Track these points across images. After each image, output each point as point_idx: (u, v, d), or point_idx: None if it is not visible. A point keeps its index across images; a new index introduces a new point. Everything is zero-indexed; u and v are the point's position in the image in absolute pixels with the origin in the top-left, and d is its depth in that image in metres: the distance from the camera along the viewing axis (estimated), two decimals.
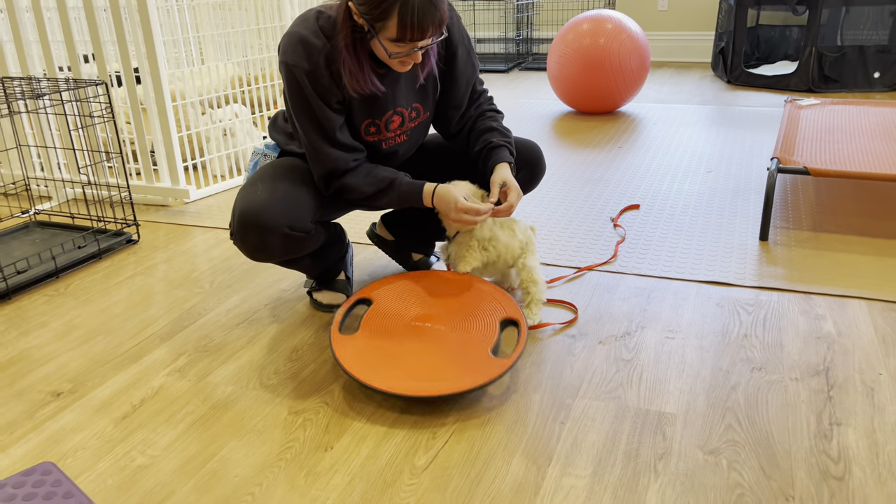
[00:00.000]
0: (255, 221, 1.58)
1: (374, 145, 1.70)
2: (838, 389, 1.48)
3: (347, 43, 1.52)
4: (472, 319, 1.63)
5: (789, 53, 4.85)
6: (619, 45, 3.68)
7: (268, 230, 1.58)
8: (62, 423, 1.47)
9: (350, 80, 1.55)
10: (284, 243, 1.62)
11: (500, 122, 1.80)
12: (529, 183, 1.86)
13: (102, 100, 2.54)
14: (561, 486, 1.25)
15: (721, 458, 1.30)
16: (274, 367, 1.64)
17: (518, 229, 1.80)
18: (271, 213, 1.58)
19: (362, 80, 1.56)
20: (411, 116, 1.72)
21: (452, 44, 1.69)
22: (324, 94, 1.57)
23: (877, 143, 2.47)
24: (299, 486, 1.27)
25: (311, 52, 1.53)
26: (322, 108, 1.58)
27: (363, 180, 1.65)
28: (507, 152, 1.73)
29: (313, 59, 1.53)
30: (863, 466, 1.27)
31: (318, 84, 1.55)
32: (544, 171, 1.87)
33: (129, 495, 1.26)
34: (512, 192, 1.68)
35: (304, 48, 1.53)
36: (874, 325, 1.72)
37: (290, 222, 1.60)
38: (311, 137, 1.61)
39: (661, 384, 1.52)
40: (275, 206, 1.59)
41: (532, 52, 5.86)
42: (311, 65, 1.54)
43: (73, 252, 2.25)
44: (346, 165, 1.63)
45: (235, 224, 1.62)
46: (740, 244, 2.19)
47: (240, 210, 1.61)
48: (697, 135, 3.44)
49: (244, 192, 1.64)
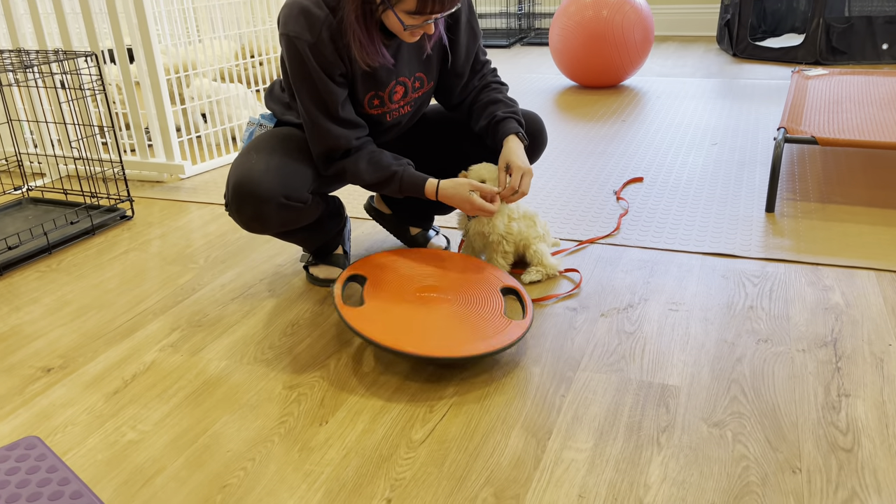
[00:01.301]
0: (251, 191, 1.54)
1: (378, 118, 1.66)
2: (846, 361, 1.44)
3: (358, 15, 1.46)
4: (474, 289, 1.61)
5: (796, 26, 4.76)
6: (623, 17, 3.61)
7: (263, 200, 1.54)
8: (52, 399, 1.44)
9: (360, 53, 1.49)
10: (280, 213, 1.58)
11: (505, 93, 1.75)
12: (531, 155, 1.81)
13: (93, 72, 2.49)
14: (561, 460, 1.21)
15: (726, 430, 1.26)
16: (269, 342, 1.61)
17: (538, 221, 1.83)
18: (267, 183, 1.54)
19: (372, 52, 1.50)
20: (414, 87, 1.67)
21: (455, 11, 1.64)
22: (327, 67, 1.51)
23: (886, 112, 2.41)
24: (293, 461, 1.24)
25: (313, 22, 1.48)
26: (325, 82, 1.52)
27: (364, 167, 1.60)
28: (514, 123, 1.68)
29: (316, 31, 1.48)
30: (872, 438, 1.23)
31: (322, 57, 1.50)
32: (546, 143, 1.83)
33: (119, 471, 1.23)
34: (516, 174, 1.63)
35: (307, 19, 1.48)
36: (883, 295, 1.67)
37: (286, 192, 1.56)
38: (311, 113, 1.56)
39: (664, 356, 1.48)
40: (271, 176, 1.55)
41: (534, 26, 5.77)
42: (314, 36, 1.48)
43: (66, 228, 2.21)
44: (348, 143, 1.58)
45: (230, 194, 1.58)
46: (746, 216, 2.15)
47: (234, 180, 1.56)
48: (702, 108, 3.37)
49: (239, 161, 1.60)
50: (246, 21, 3.49)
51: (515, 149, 1.65)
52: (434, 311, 1.53)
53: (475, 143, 1.79)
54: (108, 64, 2.73)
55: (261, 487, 1.18)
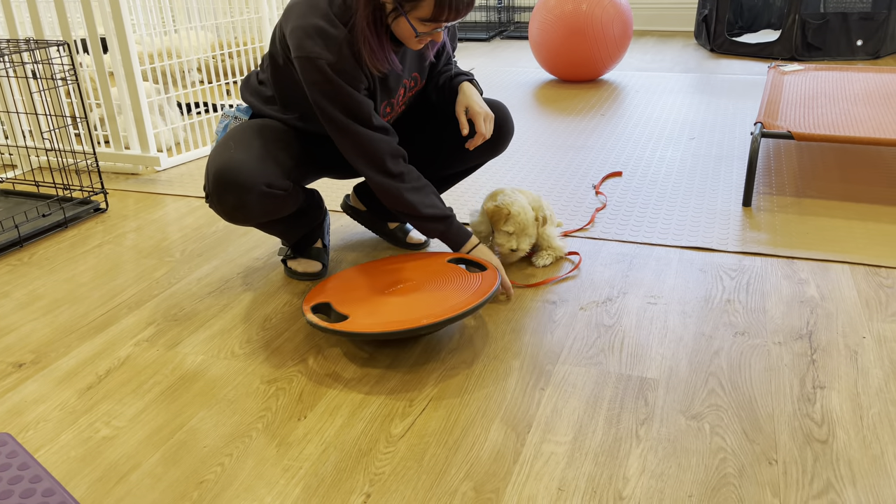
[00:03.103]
0: (232, 180, 1.52)
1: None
2: (822, 353, 1.46)
3: (369, 21, 1.45)
4: (441, 275, 1.62)
5: (772, 21, 4.81)
6: (602, 11, 3.62)
7: (245, 189, 1.52)
8: (24, 395, 1.41)
9: (371, 59, 1.49)
10: (263, 202, 1.56)
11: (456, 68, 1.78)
12: (498, 144, 1.81)
13: (65, 61, 2.44)
14: (541, 453, 1.21)
15: (704, 422, 1.27)
16: (246, 336, 1.59)
17: (544, 204, 1.86)
18: (248, 171, 1.52)
19: (382, 59, 1.50)
20: (410, 86, 1.69)
21: None
22: (353, 82, 1.50)
23: (860, 107, 2.44)
24: (271, 456, 1.22)
25: (330, 41, 1.46)
26: (354, 96, 1.51)
27: (417, 198, 1.60)
28: (463, 77, 1.72)
29: (334, 49, 1.46)
30: (847, 429, 1.24)
31: (346, 74, 1.48)
32: (512, 131, 1.83)
33: (93, 467, 1.21)
34: (478, 118, 1.66)
35: (325, 39, 1.46)
36: (857, 288, 1.70)
37: (267, 179, 1.54)
38: (350, 127, 1.53)
39: (642, 350, 1.49)
40: (251, 164, 1.53)
41: (514, 20, 5.76)
42: (335, 55, 1.46)
43: (38, 221, 2.17)
44: (391, 147, 1.57)
45: (211, 185, 1.55)
46: (723, 210, 2.16)
47: (214, 170, 1.54)
48: (680, 103, 3.39)
49: (216, 152, 1.58)
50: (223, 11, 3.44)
51: (471, 94, 1.68)
52: (416, 293, 1.53)
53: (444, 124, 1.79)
54: (80, 54, 2.68)
55: (238, 483, 1.17)
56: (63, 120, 2.53)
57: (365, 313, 1.48)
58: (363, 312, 1.48)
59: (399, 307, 1.49)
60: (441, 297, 1.50)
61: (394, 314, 1.45)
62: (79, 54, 2.66)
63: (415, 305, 1.48)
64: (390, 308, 1.49)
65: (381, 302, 1.52)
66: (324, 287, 1.63)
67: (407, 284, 1.59)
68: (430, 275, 1.61)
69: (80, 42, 2.71)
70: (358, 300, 1.54)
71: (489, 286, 1.51)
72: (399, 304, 1.50)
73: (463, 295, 1.49)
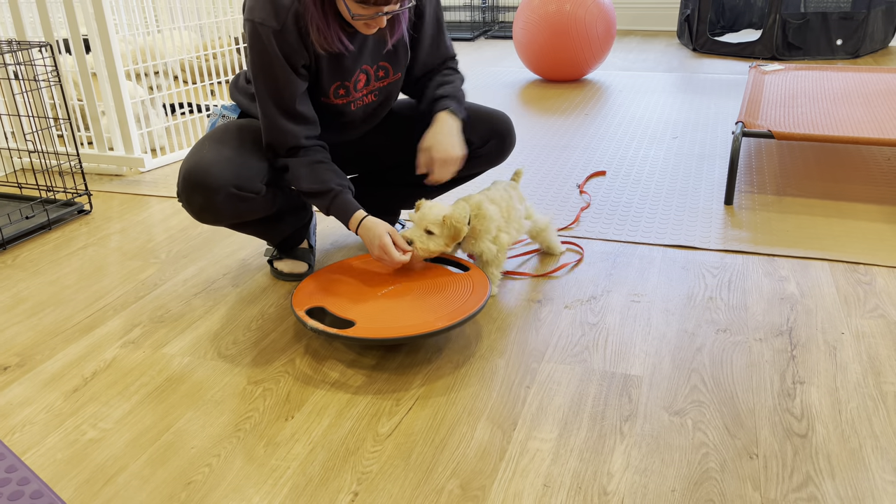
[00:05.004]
0: (200, 180, 1.52)
1: (342, 108, 1.65)
2: (801, 349, 1.49)
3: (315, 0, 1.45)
4: (433, 277, 1.62)
5: (754, 21, 4.86)
6: (585, 11, 3.64)
7: (213, 189, 1.52)
8: (9, 398, 1.41)
9: (317, 37, 1.48)
10: (232, 204, 1.55)
11: (454, 79, 1.73)
12: (499, 155, 1.82)
13: (48, 62, 2.43)
14: (527, 450, 1.23)
15: (686, 418, 1.29)
16: (233, 337, 1.59)
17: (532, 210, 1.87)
18: (217, 172, 1.52)
19: (329, 38, 1.49)
20: (378, 75, 1.66)
21: (421, 8, 1.64)
22: (290, 55, 1.50)
23: (839, 107, 2.48)
24: (258, 457, 1.23)
25: (279, 9, 1.46)
26: (286, 71, 1.51)
27: (305, 173, 1.57)
28: (447, 101, 1.66)
29: (281, 18, 1.46)
30: (826, 424, 1.27)
31: (286, 45, 1.48)
32: (514, 143, 1.82)
33: (80, 470, 1.21)
34: (434, 164, 1.61)
35: (273, 5, 1.46)
36: (836, 285, 1.73)
37: (237, 182, 1.54)
38: (265, 104, 1.54)
39: (626, 347, 1.51)
40: (221, 165, 1.53)
41: (498, 20, 5.78)
42: (280, 23, 1.46)
43: (21, 223, 2.15)
44: (297, 141, 1.56)
45: (181, 184, 1.56)
46: (705, 208, 2.19)
47: (185, 169, 1.54)
48: (663, 102, 3.42)
49: (192, 151, 1.58)
50: (207, 12, 3.43)
51: (441, 130, 1.62)
52: (412, 296, 1.54)
53: None
54: (63, 54, 2.66)
55: (226, 484, 1.18)
56: (46, 121, 2.51)
57: (368, 318, 1.47)
58: (367, 317, 1.48)
59: (401, 311, 1.49)
60: (441, 298, 1.52)
61: (399, 319, 1.46)
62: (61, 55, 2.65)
63: (417, 308, 1.49)
64: (393, 313, 1.49)
65: (381, 307, 1.52)
66: (307, 289, 1.60)
67: (397, 287, 1.59)
68: (415, 275, 1.63)
69: (62, 42, 2.69)
70: (355, 303, 1.53)
71: (481, 284, 1.56)
72: (399, 307, 1.50)
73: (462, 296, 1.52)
